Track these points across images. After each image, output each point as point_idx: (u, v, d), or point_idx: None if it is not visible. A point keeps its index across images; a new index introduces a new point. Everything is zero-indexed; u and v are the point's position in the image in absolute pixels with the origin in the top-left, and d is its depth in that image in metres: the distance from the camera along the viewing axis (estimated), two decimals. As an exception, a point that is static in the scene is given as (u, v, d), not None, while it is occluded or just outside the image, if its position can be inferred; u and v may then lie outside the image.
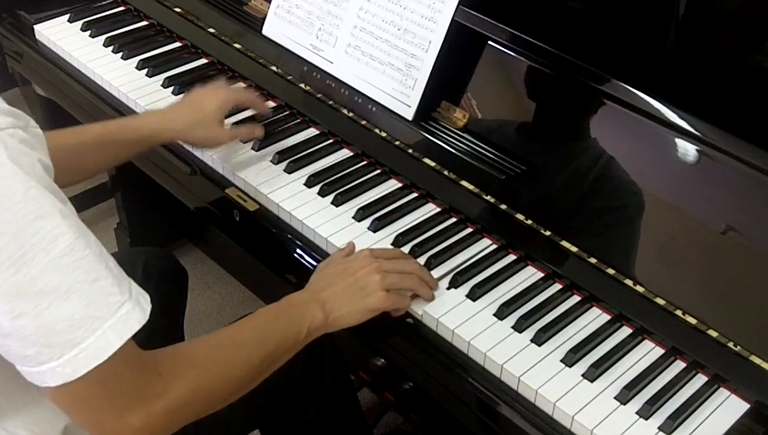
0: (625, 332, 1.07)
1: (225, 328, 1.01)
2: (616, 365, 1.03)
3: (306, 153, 1.35)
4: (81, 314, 0.77)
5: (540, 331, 1.05)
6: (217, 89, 1.33)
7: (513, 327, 1.06)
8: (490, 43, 1.26)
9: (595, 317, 1.09)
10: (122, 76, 1.53)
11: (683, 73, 1.19)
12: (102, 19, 1.67)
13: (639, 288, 1.08)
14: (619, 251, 1.11)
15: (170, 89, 1.50)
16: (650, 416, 0.97)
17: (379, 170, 1.32)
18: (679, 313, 1.04)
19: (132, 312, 0.81)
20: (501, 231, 1.19)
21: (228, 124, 1.34)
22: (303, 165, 1.32)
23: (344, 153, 1.36)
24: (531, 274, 1.15)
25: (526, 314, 1.08)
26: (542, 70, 1.22)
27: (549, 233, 1.15)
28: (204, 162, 1.35)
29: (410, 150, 1.29)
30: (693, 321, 1.03)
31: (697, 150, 1.09)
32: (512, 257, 1.17)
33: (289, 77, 1.46)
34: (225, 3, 1.60)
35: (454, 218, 1.23)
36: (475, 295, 1.10)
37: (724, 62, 1.19)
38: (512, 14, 1.25)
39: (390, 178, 1.31)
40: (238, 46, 1.54)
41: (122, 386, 0.83)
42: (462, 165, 1.24)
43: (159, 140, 1.28)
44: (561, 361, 1.02)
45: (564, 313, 1.08)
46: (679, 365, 1.03)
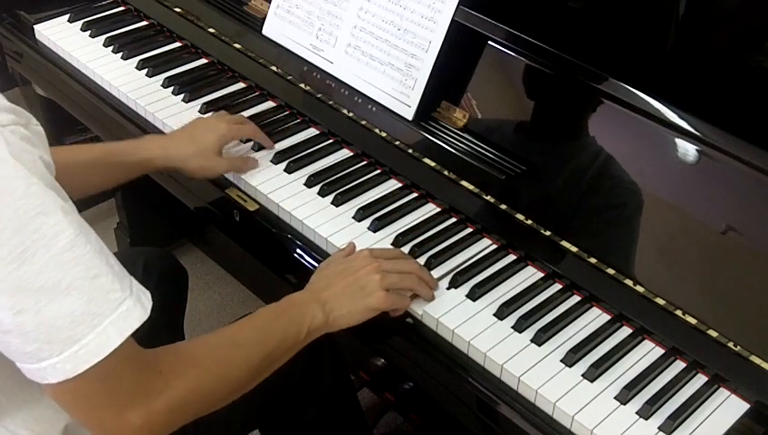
0: (625, 332, 1.07)
1: (226, 327, 1.01)
2: (616, 365, 1.03)
3: (306, 153, 1.34)
4: (82, 310, 0.77)
5: (540, 331, 1.05)
6: (219, 121, 1.32)
7: (513, 327, 1.06)
8: (490, 43, 1.26)
9: (595, 317, 1.09)
10: (122, 76, 1.53)
11: (683, 73, 1.19)
12: (102, 19, 1.67)
13: (639, 288, 1.08)
14: (619, 251, 1.11)
15: (170, 89, 1.49)
16: (650, 416, 0.97)
17: (379, 170, 1.32)
18: (679, 313, 1.04)
19: (133, 308, 0.81)
20: (501, 231, 1.19)
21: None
22: (303, 165, 1.32)
23: (344, 153, 1.36)
24: (531, 274, 1.15)
25: (526, 314, 1.08)
26: (543, 70, 1.22)
27: (549, 233, 1.15)
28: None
29: (410, 150, 1.29)
30: (693, 321, 1.03)
31: (697, 150, 1.09)
32: (512, 257, 1.17)
33: (289, 77, 1.46)
34: (225, 3, 1.60)
35: (454, 218, 1.23)
36: (475, 295, 1.10)
37: (724, 62, 1.19)
38: (512, 14, 1.25)
39: (390, 178, 1.31)
40: (238, 46, 1.54)
41: (122, 383, 0.83)
42: (462, 165, 1.24)
43: (157, 165, 1.28)
44: (561, 361, 1.02)
45: (564, 313, 1.08)
46: (679, 365, 1.03)
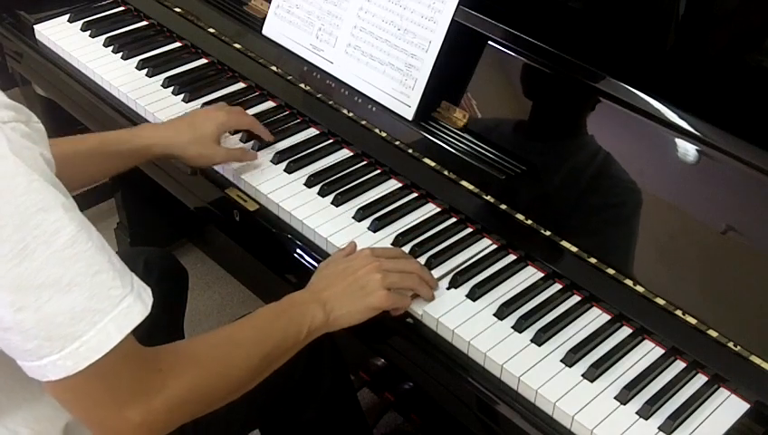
0: (625, 332, 1.07)
1: (226, 327, 1.01)
2: (616, 365, 1.02)
3: (306, 153, 1.34)
4: (83, 306, 0.77)
5: (540, 331, 1.05)
6: (218, 110, 1.33)
7: (513, 327, 1.06)
8: (490, 43, 1.26)
9: (595, 317, 1.09)
10: (122, 76, 1.53)
11: (683, 73, 1.19)
12: (102, 19, 1.67)
13: (639, 288, 1.07)
14: (618, 251, 1.11)
15: (170, 89, 1.49)
16: (650, 416, 0.97)
17: (379, 170, 1.32)
18: (679, 313, 1.04)
19: (134, 305, 0.81)
20: (501, 231, 1.19)
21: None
22: (303, 165, 1.32)
23: (344, 153, 1.36)
24: (531, 274, 1.15)
25: (526, 314, 1.08)
26: (543, 70, 1.22)
27: (549, 233, 1.15)
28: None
29: (410, 150, 1.29)
30: (693, 321, 1.03)
31: (697, 150, 1.09)
32: (512, 257, 1.17)
33: (289, 77, 1.46)
34: (225, 3, 1.60)
35: (454, 218, 1.23)
36: (475, 295, 1.10)
37: (724, 62, 1.19)
38: (512, 14, 1.25)
39: (390, 178, 1.31)
40: (238, 46, 1.54)
41: (122, 380, 0.83)
42: (462, 165, 1.24)
43: (153, 152, 1.27)
44: (561, 361, 1.02)
45: (564, 313, 1.08)
46: (679, 365, 1.03)
